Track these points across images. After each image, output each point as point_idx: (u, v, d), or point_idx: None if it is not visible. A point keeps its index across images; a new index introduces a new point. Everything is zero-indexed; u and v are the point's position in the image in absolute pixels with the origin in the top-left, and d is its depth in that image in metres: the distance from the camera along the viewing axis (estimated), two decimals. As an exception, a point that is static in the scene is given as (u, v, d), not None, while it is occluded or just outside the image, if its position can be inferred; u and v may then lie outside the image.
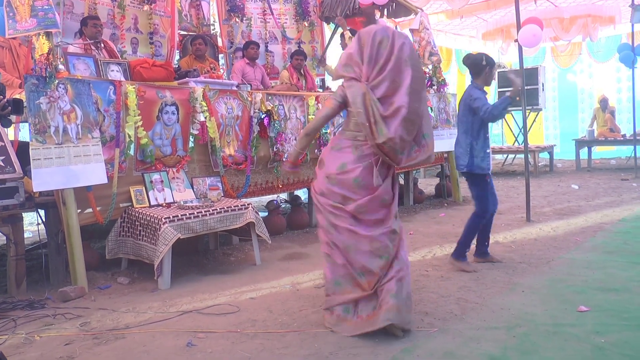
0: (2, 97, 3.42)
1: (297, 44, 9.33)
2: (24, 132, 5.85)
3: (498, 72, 13.85)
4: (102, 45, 6.43)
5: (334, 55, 9.44)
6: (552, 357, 3.03)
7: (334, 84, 9.39)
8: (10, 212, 4.55)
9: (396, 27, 11.48)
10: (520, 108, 7.54)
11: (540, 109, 12.99)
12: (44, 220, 5.02)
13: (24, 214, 4.87)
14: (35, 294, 4.52)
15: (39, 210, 4.94)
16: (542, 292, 4.14)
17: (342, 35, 8.30)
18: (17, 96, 4.31)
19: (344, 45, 8.50)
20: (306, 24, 9.47)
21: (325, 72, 9.38)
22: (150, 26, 7.62)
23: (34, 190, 4.50)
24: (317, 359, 3.11)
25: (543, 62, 15.81)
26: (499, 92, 13.52)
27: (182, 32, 8.02)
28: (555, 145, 14.16)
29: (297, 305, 4.07)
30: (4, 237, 4.74)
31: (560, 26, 12.74)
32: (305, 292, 4.41)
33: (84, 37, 6.30)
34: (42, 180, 4.36)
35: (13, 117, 4.51)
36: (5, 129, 4.72)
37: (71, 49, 6.00)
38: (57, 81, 4.47)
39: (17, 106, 3.54)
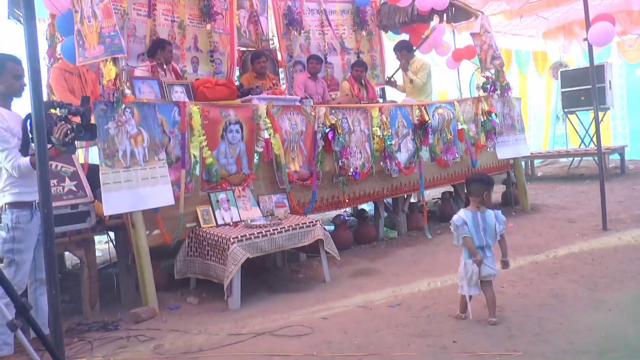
0: (65, 123, 3.35)
1: (357, 54, 9.24)
2: (93, 153, 5.96)
3: (561, 72, 13.40)
4: (169, 66, 6.50)
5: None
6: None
7: (398, 96, 9.23)
8: (82, 235, 4.63)
9: (453, 32, 11.24)
10: (587, 108, 7.21)
11: (608, 108, 12.42)
12: (114, 242, 5.09)
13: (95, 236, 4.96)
14: (108, 315, 4.57)
15: (109, 232, 5.01)
16: (631, 310, 3.86)
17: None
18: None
19: (403, 67, 8.38)
20: (364, 34, 9.38)
21: (386, 85, 9.21)
22: (210, 44, 7.68)
23: (105, 214, 4.56)
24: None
25: (609, 58, 15.11)
26: (562, 92, 13.05)
27: (242, 48, 8.06)
28: (626, 145, 13.51)
29: (371, 326, 3.95)
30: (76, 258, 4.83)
31: (629, 19, 12.16)
32: (378, 311, 4.28)
33: (150, 59, 6.38)
34: (112, 203, 4.40)
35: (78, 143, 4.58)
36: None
37: (137, 72, 6.09)
38: (124, 105, 4.52)
39: (92, 131, 3.53)
